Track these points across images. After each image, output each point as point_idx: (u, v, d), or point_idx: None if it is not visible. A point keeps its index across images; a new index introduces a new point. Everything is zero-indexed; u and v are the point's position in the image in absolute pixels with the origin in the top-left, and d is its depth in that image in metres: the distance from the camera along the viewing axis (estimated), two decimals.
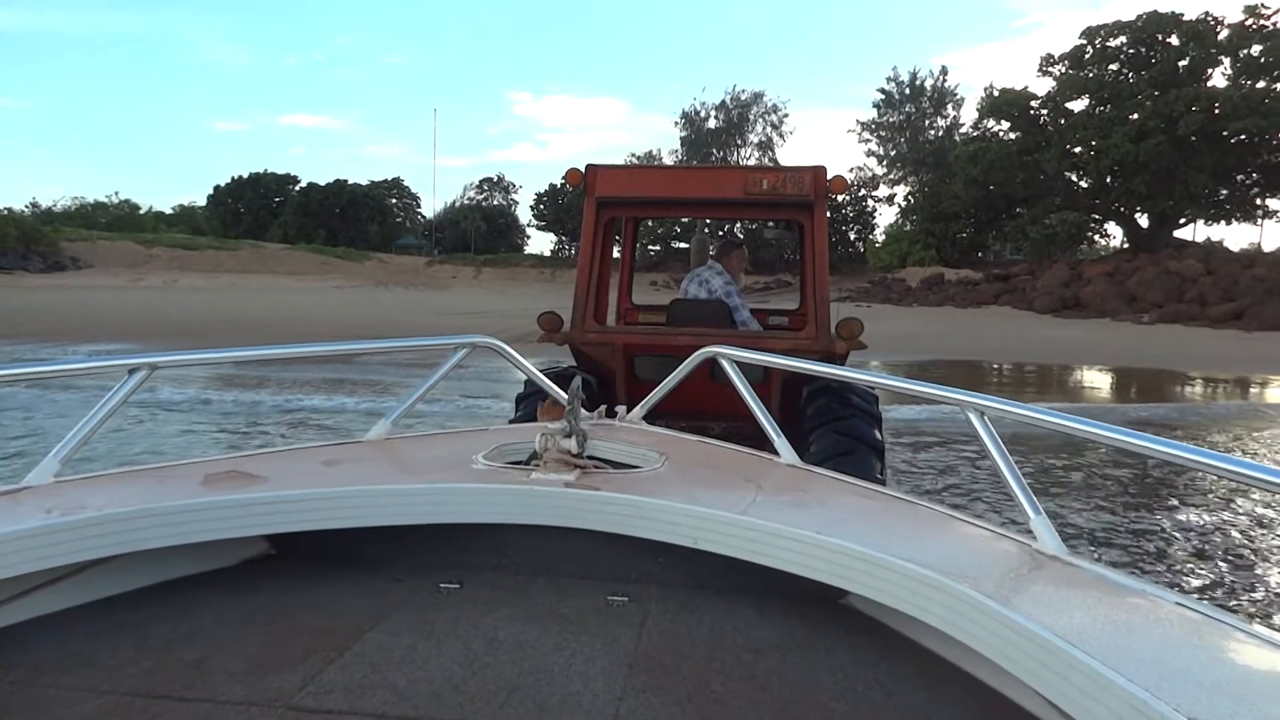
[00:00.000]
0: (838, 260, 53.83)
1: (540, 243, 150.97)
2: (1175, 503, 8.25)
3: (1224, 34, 44.04)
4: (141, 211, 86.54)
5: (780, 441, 2.58)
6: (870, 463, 4.61)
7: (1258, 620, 5.40)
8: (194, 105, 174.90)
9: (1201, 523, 7.58)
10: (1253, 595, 5.86)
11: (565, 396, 2.40)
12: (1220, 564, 6.48)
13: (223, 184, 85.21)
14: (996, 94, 50.63)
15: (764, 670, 1.65)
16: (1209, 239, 50.49)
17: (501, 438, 2.64)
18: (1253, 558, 6.68)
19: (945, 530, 1.95)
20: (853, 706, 1.53)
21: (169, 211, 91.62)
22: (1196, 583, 6.02)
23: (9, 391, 12.35)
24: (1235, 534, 7.28)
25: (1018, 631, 1.40)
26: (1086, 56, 47.75)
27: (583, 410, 2.45)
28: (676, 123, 73.88)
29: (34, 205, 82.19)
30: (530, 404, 5.03)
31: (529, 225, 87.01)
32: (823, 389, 5.13)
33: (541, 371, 3.22)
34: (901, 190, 65.71)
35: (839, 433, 4.71)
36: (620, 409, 3.15)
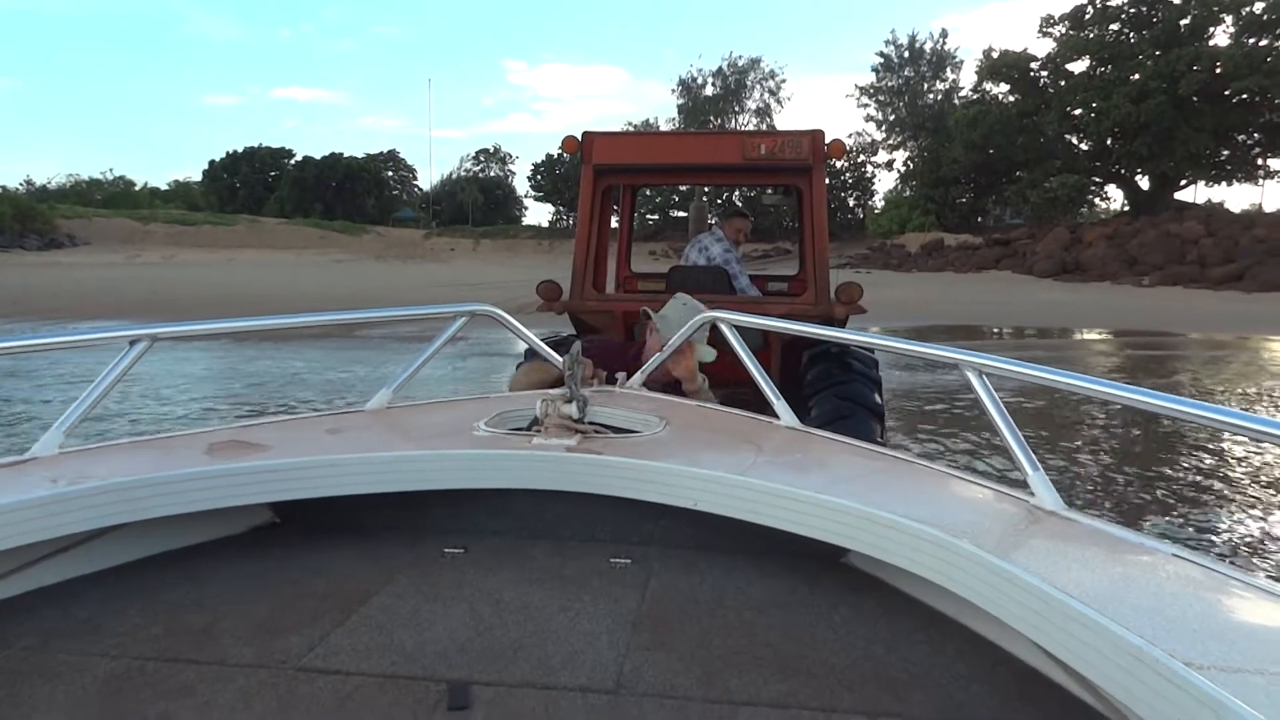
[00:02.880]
0: (837, 227, 53.52)
1: (538, 214, 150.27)
2: (1174, 457, 8.29)
3: None
4: (137, 188, 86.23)
5: (780, 404, 2.58)
6: (870, 426, 4.63)
7: (1256, 570, 5.45)
8: (185, 80, 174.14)
9: (1200, 477, 7.62)
10: (1249, 546, 5.91)
11: (564, 362, 2.40)
12: (1218, 516, 6.53)
13: (217, 159, 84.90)
14: (996, 56, 49.98)
15: (766, 627, 1.67)
16: (1209, 200, 50.19)
17: (502, 405, 2.64)
18: (1251, 510, 6.73)
19: (944, 488, 1.96)
20: (854, 661, 1.55)
21: (164, 187, 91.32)
22: (1194, 535, 6.07)
23: (9, 364, 12.40)
24: (1235, 487, 7.33)
25: (1016, 584, 1.41)
26: (1087, 16, 47.06)
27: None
28: (674, 90, 73.30)
29: (29, 183, 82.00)
30: None
31: (527, 196, 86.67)
32: (823, 354, 5.14)
33: (541, 340, 3.22)
34: (900, 155, 65.15)
35: (839, 397, 4.73)
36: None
